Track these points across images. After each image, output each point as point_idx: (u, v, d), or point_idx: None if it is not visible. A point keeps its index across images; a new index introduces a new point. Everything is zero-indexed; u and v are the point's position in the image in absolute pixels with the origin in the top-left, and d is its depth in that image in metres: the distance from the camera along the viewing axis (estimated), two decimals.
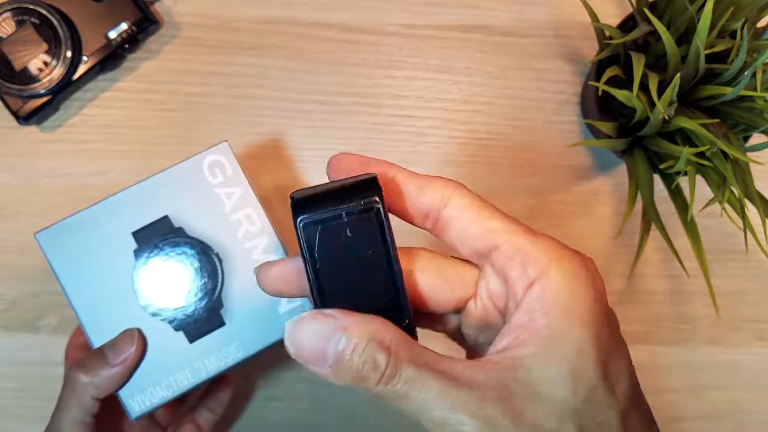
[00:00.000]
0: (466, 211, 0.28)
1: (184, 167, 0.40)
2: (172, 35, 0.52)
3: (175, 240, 0.39)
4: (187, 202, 0.40)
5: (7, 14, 0.47)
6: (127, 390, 0.38)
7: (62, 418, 0.38)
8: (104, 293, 0.39)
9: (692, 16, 0.43)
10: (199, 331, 0.39)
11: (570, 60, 0.53)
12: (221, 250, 0.39)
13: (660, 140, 0.45)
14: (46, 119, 0.51)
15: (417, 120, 0.52)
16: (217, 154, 0.40)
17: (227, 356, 0.39)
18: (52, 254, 0.39)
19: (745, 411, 0.53)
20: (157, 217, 0.39)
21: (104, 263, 0.39)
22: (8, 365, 0.50)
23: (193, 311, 0.39)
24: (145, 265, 0.39)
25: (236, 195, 0.40)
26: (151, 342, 0.39)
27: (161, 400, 0.39)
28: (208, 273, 0.39)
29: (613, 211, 0.53)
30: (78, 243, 0.39)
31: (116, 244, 0.39)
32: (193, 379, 0.39)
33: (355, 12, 0.53)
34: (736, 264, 0.53)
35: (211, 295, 0.39)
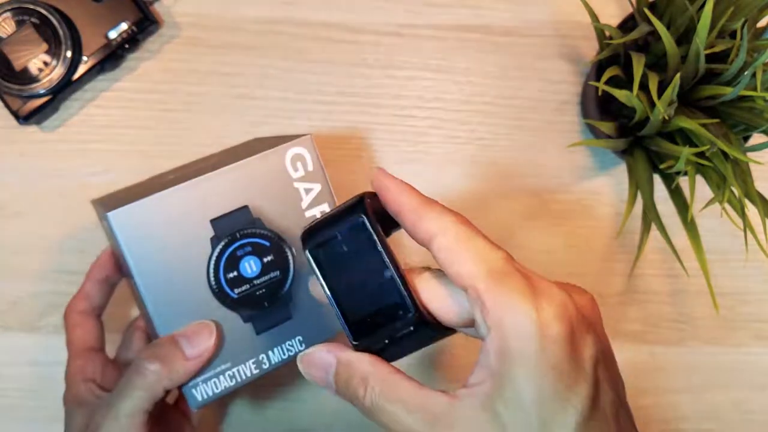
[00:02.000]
0: (443, 252, 0.30)
1: (267, 158, 0.39)
2: (172, 35, 0.52)
3: (253, 231, 0.38)
4: (266, 194, 0.39)
5: (7, 14, 0.47)
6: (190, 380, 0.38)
7: (124, 405, 0.37)
8: (175, 279, 0.38)
9: (692, 16, 0.43)
10: (267, 323, 0.39)
11: (570, 60, 0.53)
12: (295, 245, 0.39)
13: (660, 140, 0.45)
14: (46, 119, 0.51)
15: (417, 120, 0.52)
16: (301, 147, 0.39)
17: (290, 349, 0.39)
18: (123, 234, 0.37)
19: (746, 411, 0.53)
20: (237, 206, 0.38)
21: (177, 249, 0.38)
22: (8, 365, 0.50)
23: (264, 304, 0.39)
24: (220, 253, 0.38)
25: (314, 191, 0.40)
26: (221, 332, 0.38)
27: (224, 390, 0.38)
28: (281, 266, 0.39)
29: (613, 211, 0.53)
30: (152, 225, 0.37)
31: (192, 230, 0.38)
32: (256, 371, 0.39)
33: (355, 12, 0.53)
34: (736, 264, 0.53)
35: (282, 288, 0.39)
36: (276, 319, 0.39)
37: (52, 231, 0.51)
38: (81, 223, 0.51)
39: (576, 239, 0.53)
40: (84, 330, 0.43)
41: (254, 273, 0.39)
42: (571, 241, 0.53)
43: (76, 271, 0.50)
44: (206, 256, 0.38)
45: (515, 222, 0.52)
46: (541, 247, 0.52)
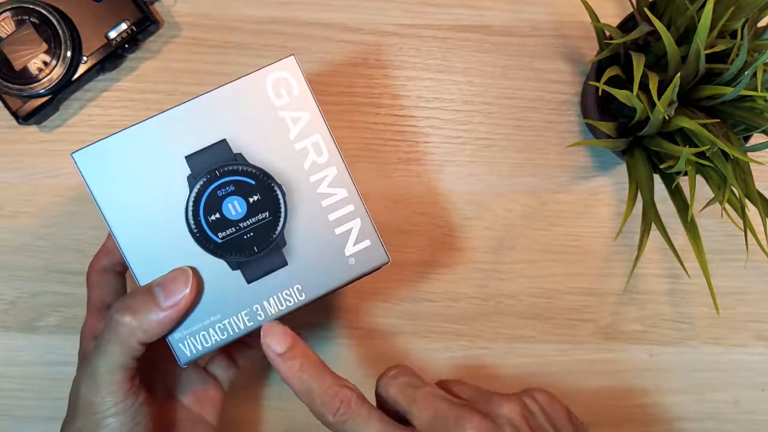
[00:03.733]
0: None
1: (244, 84, 0.35)
2: (172, 35, 0.52)
3: (233, 167, 0.35)
4: (247, 125, 0.35)
5: (6, 14, 0.47)
6: (176, 333, 0.35)
7: (101, 362, 0.34)
8: (152, 224, 0.35)
9: (692, 16, 0.43)
10: (258, 270, 0.36)
11: (570, 60, 0.53)
12: (284, 182, 0.36)
13: (660, 140, 0.45)
14: (46, 119, 0.51)
15: (417, 120, 0.52)
16: (283, 70, 0.35)
17: (289, 299, 0.36)
18: (91, 177, 0.34)
19: (746, 411, 0.53)
20: (214, 140, 0.35)
21: (152, 190, 0.35)
22: (8, 365, 0.50)
23: (253, 249, 0.35)
24: (199, 193, 0.35)
25: (303, 120, 0.36)
26: (205, 280, 0.35)
27: (214, 344, 0.35)
28: (270, 207, 0.35)
29: (613, 211, 0.53)
30: (121, 165, 0.34)
31: (166, 169, 0.35)
32: (250, 323, 0.35)
33: (355, 12, 0.53)
34: (737, 264, 0.53)
35: (272, 231, 0.35)
36: (269, 266, 0.36)
37: (52, 231, 0.51)
38: (81, 223, 0.51)
39: (576, 239, 0.53)
40: (101, 288, 0.41)
41: (239, 215, 0.35)
42: (571, 241, 0.53)
43: (76, 271, 0.51)
44: (185, 197, 0.35)
45: (515, 222, 0.52)
46: (540, 247, 0.52)
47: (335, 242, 0.36)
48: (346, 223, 0.36)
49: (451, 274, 0.52)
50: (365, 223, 0.37)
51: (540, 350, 0.52)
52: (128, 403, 0.35)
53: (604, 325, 0.53)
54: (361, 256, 0.37)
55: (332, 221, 0.36)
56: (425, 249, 0.52)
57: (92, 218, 0.51)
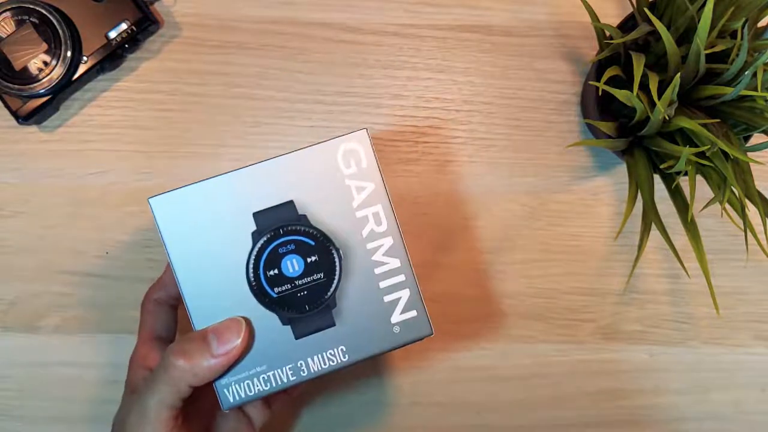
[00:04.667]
0: None
1: (317, 151, 0.37)
2: (172, 35, 0.52)
3: (297, 228, 0.37)
4: (314, 189, 0.37)
5: (7, 14, 0.47)
6: (224, 379, 0.37)
7: (151, 399, 0.36)
8: (213, 271, 0.36)
9: (692, 16, 0.43)
10: (307, 328, 0.37)
11: (570, 60, 0.53)
12: (342, 246, 0.37)
13: (660, 140, 0.45)
14: (46, 119, 0.51)
15: (417, 120, 0.52)
16: (355, 142, 0.37)
17: (332, 359, 0.37)
18: (164, 222, 0.36)
19: (746, 411, 0.53)
20: (282, 200, 0.37)
21: (218, 240, 0.36)
22: (8, 366, 0.50)
23: (305, 307, 0.37)
24: (261, 249, 0.36)
25: (367, 190, 0.37)
26: (256, 332, 0.37)
27: (257, 394, 0.37)
28: (326, 269, 0.37)
29: (613, 211, 0.53)
30: (193, 215, 0.36)
31: (234, 223, 0.37)
32: (293, 377, 0.37)
33: (355, 12, 0.53)
34: (737, 264, 0.53)
35: (325, 292, 0.37)
36: (317, 325, 0.37)
37: (52, 231, 0.51)
38: (81, 224, 0.51)
39: (576, 239, 0.53)
40: (154, 318, 0.43)
41: (296, 273, 0.37)
42: (571, 241, 0.53)
43: (76, 271, 0.51)
44: (248, 251, 0.36)
45: (515, 222, 0.52)
46: (540, 247, 0.52)
47: (383, 309, 0.38)
48: (396, 292, 0.38)
49: (451, 275, 0.52)
50: (413, 294, 0.38)
51: (540, 350, 0.52)
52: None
53: (604, 325, 0.53)
54: (405, 325, 0.38)
55: (382, 289, 0.38)
56: (425, 249, 0.52)
57: (92, 219, 0.51)
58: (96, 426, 0.50)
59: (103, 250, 0.51)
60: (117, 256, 0.51)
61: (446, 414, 0.52)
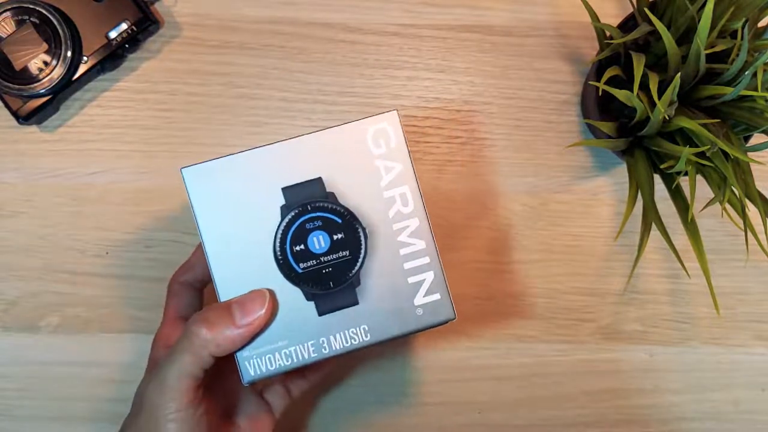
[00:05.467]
0: None
1: (347, 130, 0.37)
2: (172, 35, 0.52)
3: (324, 205, 0.37)
4: (343, 168, 0.37)
5: (7, 14, 0.47)
6: (245, 351, 0.36)
7: (171, 368, 0.36)
8: (241, 245, 0.37)
9: (693, 16, 0.43)
10: (330, 305, 0.37)
11: (570, 60, 0.53)
12: (368, 225, 0.37)
13: (660, 140, 0.45)
14: (46, 119, 0.51)
15: (417, 120, 0.52)
16: (385, 122, 0.37)
17: (354, 337, 0.37)
18: (195, 193, 0.36)
19: (746, 411, 0.53)
20: (311, 177, 0.37)
21: (246, 214, 0.37)
22: (8, 365, 0.50)
23: (329, 284, 0.37)
24: (289, 224, 0.37)
25: (395, 170, 0.37)
26: (280, 306, 0.37)
27: (278, 368, 0.37)
28: (351, 247, 0.37)
29: (613, 211, 0.53)
30: (224, 187, 0.37)
31: (263, 197, 0.37)
32: (314, 354, 0.37)
33: (355, 12, 0.53)
34: (737, 264, 0.53)
35: (350, 269, 0.37)
36: (341, 303, 0.37)
37: (52, 231, 0.51)
38: (81, 223, 0.51)
39: (576, 239, 0.53)
40: (180, 299, 0.43)
41: (322, 249, 0.37)
42: (571, 241, 0.53)
43: (76, 271, 0.51)
44: (275, 225, 0.37)
45: (515, 222, 0.52)
46: (541, 247, 0.52)
47: (407, 290, 0.38)
48: (420, 274, 0.38)
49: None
50: (438, 277, 0.38)
51: (541, 350, 0.52)
52: (189, 412, 0.36)
53: (604, 325, 0.53)
54: (429, 308, 0.38)
55: (407, 270, 0.38)
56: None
57: (92, 218, 0.51)
58: (96, 425, 0.50)
59: (103, 250, 0.51)
60: (117, 255, 0.51)
61: (448, 413, 0.52)
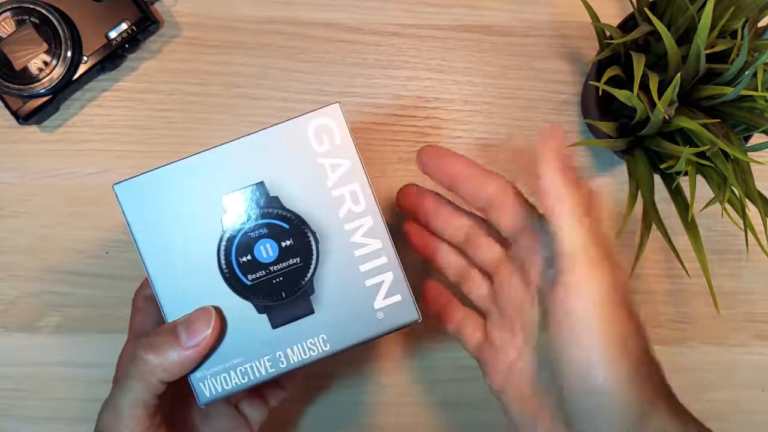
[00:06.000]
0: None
1: (286, 128, 0.35)
2: (172, 35, 0.52)
3: (269, 210, 0.35)
4: (285, 169, 0.35)
5: (7, 14, 0.47)
6: (198, 372, 0.35)
7: (123, 398, 0.35)
8: (184, 260, 0.35)
9: (693, 16, 0.43)
10: (284, 316, 0.35)
11: (570, 60, 0.53)
12: (318, 229, 0.35)
13: (660, 140, 0.45)
14: (46, 119, 0.51)
15: (417, 120, 0.52)
16: (327, 117, 0.35)
17: (313, 348, 0.35)
18: (130, 209, 0.35)
19: (747, 411, 0.53)
20: (252, 182, 0.35)
21: (187, 226, 0.35)
22: (8, 365, 0.50)
23: (281, 294, 0.35)
24: (233, 234, 0.35)
25: (342, 168, 0.35)
26: (231, 322, 0.35)
27: (234, 387, 0.35)
28: (302, 253, 0.35)
29: (613, 211, 0.53)
30: (160, 200, 0.35)
31: (203, 207, 0.35)
32: (272, 369, 0.35)
33: (355, 12, 0.53)
34: (737, 264, 0.53)
35: (302, 277, 0.35)
36: (295, 313, 0.35)
37: (52, 231, 0.51)
38: (81, 224, 0.51)
39: None
40: (144, 315, 0.42)
41: (270, 258, 0.35)
42: None
43: (76, 271, 0.51)
44: (218, 237, 0.35)
45: None
46: None
47: (365, 294, 0.36)
48: (378, 276, 0.36)
49: None
50: (397, 277, 0.36)
51: None
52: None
53: None
54: (390, 310, 0.36)
55: (363, 272, 0.36)
56: None
57: (92, 218, 0.51)
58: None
59: (103, 250, 0.51)
60: (117, 255, 0.51)
61: (447, 413, 0.52)
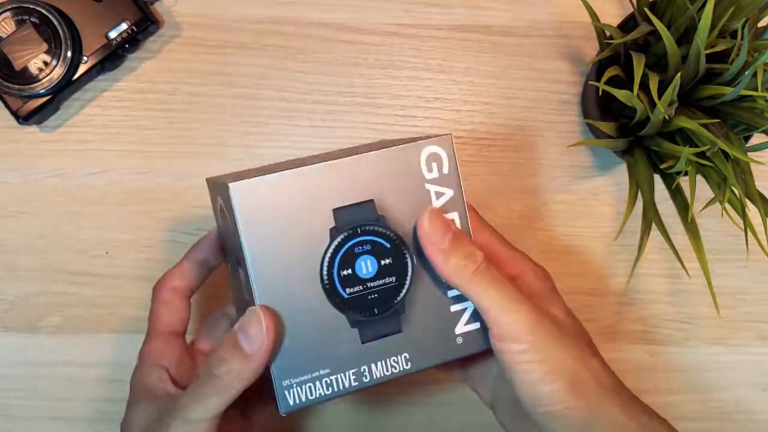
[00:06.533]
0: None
1: (401, 152, 0.36)
2: (172, 35, 0.52)
3: (374, 228, 0.35)
4: (394, 190, 0.36)
5: (7, 14, 0.47)
6: (286, 380, 0.34)
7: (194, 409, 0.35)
8: (286, 265, 0.34)
9: (693, 16, 0.43)
10: (374, 332, 0.36)
11: (570, 60, 0.53)
12: (415, 251, 0.36)
13: (660, 140, 0.45)
14: (46, 119, 0.51)
15: (417, 120, 0.52)
16: (438, 146, 0.36)
17: (395, 366, 0.36)
18: (242, 209, 0.34)
19: (747, 411, 0.53)
20: (363, 198, 0.35)
21: (293, 234, 0.34)
22: (8, 365, 0.50)
23: (374, 310, 0.35)
24: (338, 247, 0.35)
25: (446, 196, 0.36)
26: (323, 333, 0.35)
27: (318, 398, 0.35)
28: (398, 273, 0.36)
29: (613, 211, 0.53)
30: (272, 205, 0.34)
31: (312, 217, 0.35)
32: (355, 383, 0.35)
33: (355, 12, 0.52)
34: (737, 264, 0.53)
35: (395, 296, 0.36)
36: (384, 330, 0.36)
37: (52, 231, 0.51)
38: (81, 224, 0.51)
39: (576, 239, 0.53)
40: (172, 310, 0.40)
41: (369, 274, 0.35)
42: (571, 241, 0.53)
43: (76, 271, 0.51)
44: (323, 247, 0.35)
45: (515, 222, 0.52)
46: (541, 247, 0.52)
47: (449, 319, 0.37)
48: (461, 302, 0.37)
49: None
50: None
51: None
52: None
53: (604, 325, 0.53)
54: (468, 337, 0.37)
55: (450, 298, 0.37)
56: None
57: (92, 218, 0.51)
58: (96, 426, 0.50)
59: (103, 250, 0.51)
60: (117, 255, 0.51)
61: (452, 413, 0.52)
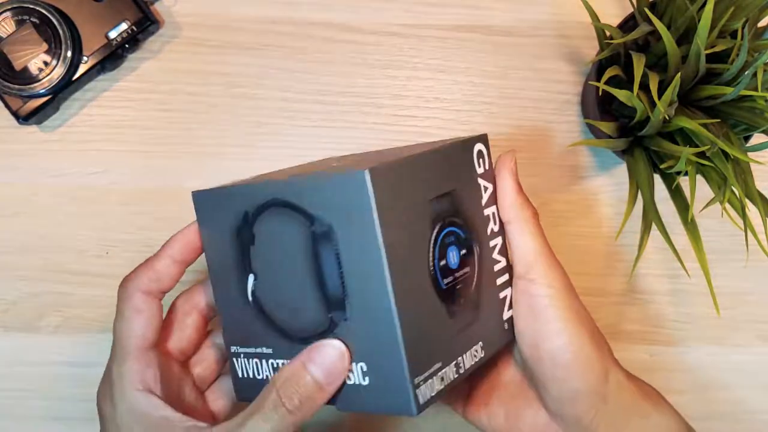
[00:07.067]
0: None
1: (461, 146, 0.36)
2: (172, 35, 0.52)
3: (455, 220, 0.35)
4: (461, 183, 0.36)
5: (7, 14, 0.47)
6: (416, 379, 0.31)
7: None
8: (406, 260, 0.32)
9: (693, 16, 0.43)
10: (462, 321, 0.35)
11: (570, 60, 0.53)
12: (478, 241, 0.36)
13: (660, 140, 0.45)
14: (46, 119, 0.51)
15: (417, 120, 0.52)
16: (482, 144, 0.37)
17: (475, 355, 0.35)
18: (377, 194, 0.30)
19: (748, 411, 0.53)
20: (448, 189, 0.35)
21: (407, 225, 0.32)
22: (8, 365, 0.50)
23: (460, 300, 0.35)
24: (436, 237, 0.33)
25: (489, 191, 0.37)
26: (434, 326, 0.33)
27: (436, 394, 0.32)
28: (470, 263, 0.35)
29: (613, 211, 0.53)
30: (396, 193, 0.32)
31: (417, 208, 0.33)
32: (455, 375, 0.34)
33: (355, 12, 0.52)
34: (737, 264, 0.53)
35: (471, 285, 0.35)
36: (468, 320, 0.35)
37: (52, 231, 0.51)
38: (81, 223, 0.51)
39: (576, 239, 0.53)
40: (146, 318, 0.36)
41: (455, 265, 0.34)
42: (571, 241, 0.53)
43: (76, 271, 0.51)
44: (424, 238, 0.33)
45: None
46: None
47: (499, 305, 0.37)
48: (505, 290, 0.38)
49: None
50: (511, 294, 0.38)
51: None
52: None
53: (604, 326, 0.52)
54: (509, 324, 0.38)
55: (498, 285, 0.38)
56: None
57: (92, 218, 0.51)
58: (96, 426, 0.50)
59: (103, 250, 0.51)
60: (117, 255, 0.51)
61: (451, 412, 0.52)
